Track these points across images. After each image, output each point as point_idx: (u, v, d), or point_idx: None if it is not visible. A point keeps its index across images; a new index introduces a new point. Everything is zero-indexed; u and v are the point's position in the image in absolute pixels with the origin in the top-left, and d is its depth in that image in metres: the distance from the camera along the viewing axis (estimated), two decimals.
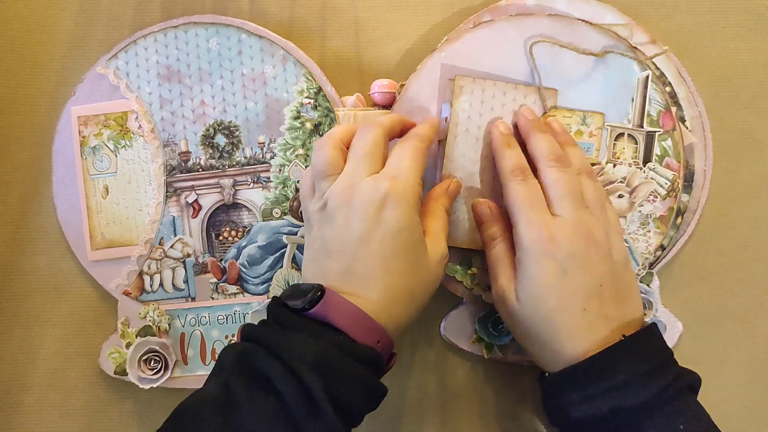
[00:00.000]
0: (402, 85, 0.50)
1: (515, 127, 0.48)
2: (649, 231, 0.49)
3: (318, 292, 0.38)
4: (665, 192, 0.49)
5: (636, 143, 0.49)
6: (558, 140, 0.46)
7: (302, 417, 0.35)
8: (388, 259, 0.39)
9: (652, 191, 0.49)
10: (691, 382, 0.41)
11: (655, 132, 0.49)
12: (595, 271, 0.41)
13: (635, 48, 0.49)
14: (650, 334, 0.41)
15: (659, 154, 0.49)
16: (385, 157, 0.42)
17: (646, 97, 0.47)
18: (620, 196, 0.49)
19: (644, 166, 0.49)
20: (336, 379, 0.36)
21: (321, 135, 0.50)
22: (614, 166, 0.49)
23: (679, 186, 0.50)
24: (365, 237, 0.39)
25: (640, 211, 0.49)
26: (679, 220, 0.50)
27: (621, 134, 0.49)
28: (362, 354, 0.38)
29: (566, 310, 0.40)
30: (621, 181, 0.49)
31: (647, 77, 0.47)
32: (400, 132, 0.45)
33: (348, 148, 0.43)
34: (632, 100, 0.49)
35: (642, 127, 0.49)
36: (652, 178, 0.49)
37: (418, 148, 0.42)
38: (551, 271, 0.41)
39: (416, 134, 0.44)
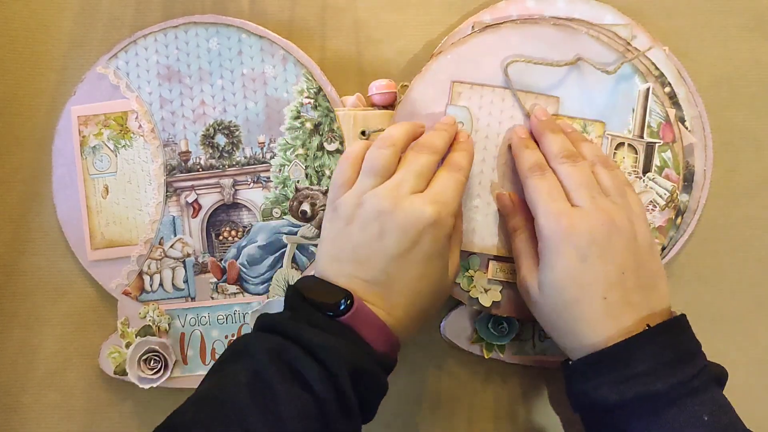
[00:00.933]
0: (404, 86, 0.50)
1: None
2: None
3: (348, 300, 0.39)
4: (664, 203, 0.49)
5: (636, 153, 0.49)
6: (570, 138, 0.46)
7: (335, 417, 0.37)
8: (416, 280, 0.41)
9: (650, 201, 0.49)
10: (718, 375, 0.41)
11: (655, 143, 0.49)
12: (616, 259, 0.41)
13: (644, 55, 0.49)
14: (677, 324, 0.41)
15: (659, 165, 0.49)
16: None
17: (646, 109, 0.47)
18: None
19: (644, 175, 0.49)
20: (366, 386, 0.39)
21: (321, 135, 0.50)
22: None
23: (678, 198, 0.50)
24: (399, 256, 0.40)
25: None
26: (679, 220, 0.50)
27: (621, 143, 0.49)
28: (387, 364, 0.41)
29: (586, 300, 0.41)
30: None
31: (648, 89, 0.48)
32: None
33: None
34: (633, 110, 0.49)
35: (642, 137, 0.49)
36: (651, 188, 0.49)
37: (461, 181, 0.43)
38: (571, 260, 0.41)
39: (458, 167, 0.44)
